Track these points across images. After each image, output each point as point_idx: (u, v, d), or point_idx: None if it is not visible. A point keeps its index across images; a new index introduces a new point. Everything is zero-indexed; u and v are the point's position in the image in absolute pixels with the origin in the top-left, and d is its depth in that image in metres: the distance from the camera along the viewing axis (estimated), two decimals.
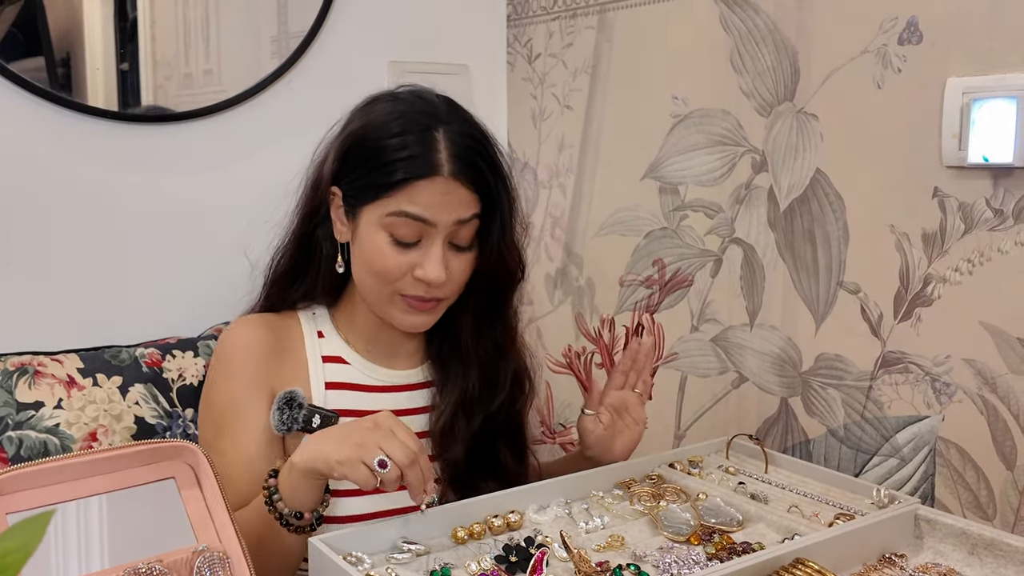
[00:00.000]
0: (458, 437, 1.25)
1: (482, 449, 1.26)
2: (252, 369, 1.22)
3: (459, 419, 1.25)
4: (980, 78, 1.17)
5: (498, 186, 1.20)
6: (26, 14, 1.46)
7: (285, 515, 1.05)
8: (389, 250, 1.16)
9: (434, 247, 1.16)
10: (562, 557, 1.03)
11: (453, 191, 1.15)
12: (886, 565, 1.05)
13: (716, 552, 1.05)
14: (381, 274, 1.18)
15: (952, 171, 1.21)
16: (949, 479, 1.25)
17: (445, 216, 1.15)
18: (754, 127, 1.46)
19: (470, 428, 1.25)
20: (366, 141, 1.18)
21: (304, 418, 1.14)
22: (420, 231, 1.16)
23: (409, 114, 1.17)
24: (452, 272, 1.18)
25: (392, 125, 1.16)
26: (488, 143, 1.20)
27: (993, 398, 1.19)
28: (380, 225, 1.16)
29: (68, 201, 1.53)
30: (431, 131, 1.15)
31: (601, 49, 1.74)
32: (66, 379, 1.38)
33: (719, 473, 1.28)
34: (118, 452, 0.90)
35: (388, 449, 1.00)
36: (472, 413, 1.26)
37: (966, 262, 1.21)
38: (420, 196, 1.14)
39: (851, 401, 1.36)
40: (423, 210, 1.14)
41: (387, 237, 1.16)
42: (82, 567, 0.84)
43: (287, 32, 1.71)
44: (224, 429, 1.21)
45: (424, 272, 1.16)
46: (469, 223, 1.18)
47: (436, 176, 1.14)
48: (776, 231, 1.44)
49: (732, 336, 1.54)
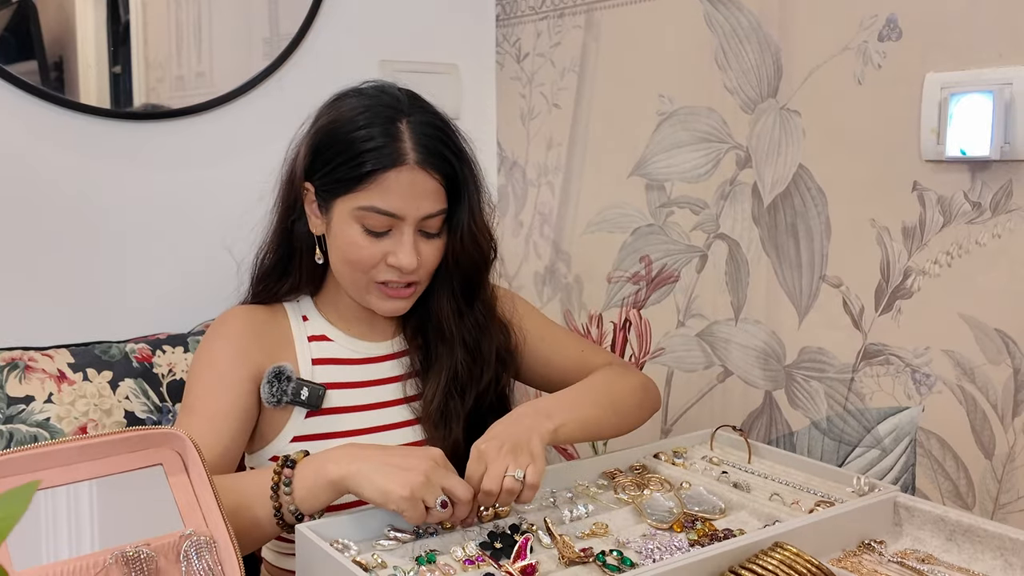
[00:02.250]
0: (454, 417, 1.28)
1: (476, 428, 1.27)
2: (238, 344, 1.26)
3: (452, 399, 1.28)
4: (957, 73, 1.19)
5: (463, 170, 1.25)
6: (19, 18, 1.47)
7: (286, 510, 1.04)
8: (362, 241, 1.21)
9: (405, 236, 1.21)
10: (546, 544, 1.05)
11: (420, 181, 1.19)
12: (865, 551, 1.07)
13: (698, 539, 1.06)
14: (356, 264, 1.23)
15: (931, 165, 1.23)
16: (929, 469, 1.26)
17: (413, 210, 1.20)
18: (738, 124, 1.48)
19: (464, 407, 1.28)
20: (334, 135, 1.22)
21: (293, 391, 1.22)
22: (390, 223, 1.20)
23: (374, 107, 1.22)
24: (424, 258, 1.23)
25: (358, 119, 1.21)
26: (451, 130, 1.25)
27: (972, 388, 1.21)
28: (352, 218, 1.21)
29: (59, 198, 1.54)
30: (395, 123, 1.20)
31: (588, 48, 1.76)
32: (56, 374, 1.39)
33: (703, 463, 1.30)
34: (108, 438, 0.91)
35: (450, 487, 1.02)
36: (464, 392, 1.29)
37: (945, 255, 1.23)
38: (388, 189, 1.19)
39: (834, 393, 1.37)
40: (391, 205, 1.19)
41: (359, 229, 1.21)
42: (72, 550, 0.85)
43: (279, 33, 1.73)
44: (196, 389, 1.23)
45: (397, 260, 1.21)
46: (436, 217, 1.23)
47: (402, 165, 1.18)
48: (760, 226, 1.46)
49: (717, 331, 1.55)
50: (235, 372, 1.23)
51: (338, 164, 1.21)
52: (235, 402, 1.21)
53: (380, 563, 0.99)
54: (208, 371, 1.25)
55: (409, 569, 0.97)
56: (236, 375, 1.23)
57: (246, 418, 1.22)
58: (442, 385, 1.28)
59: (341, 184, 1.21)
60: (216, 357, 1.26)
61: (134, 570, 0.84)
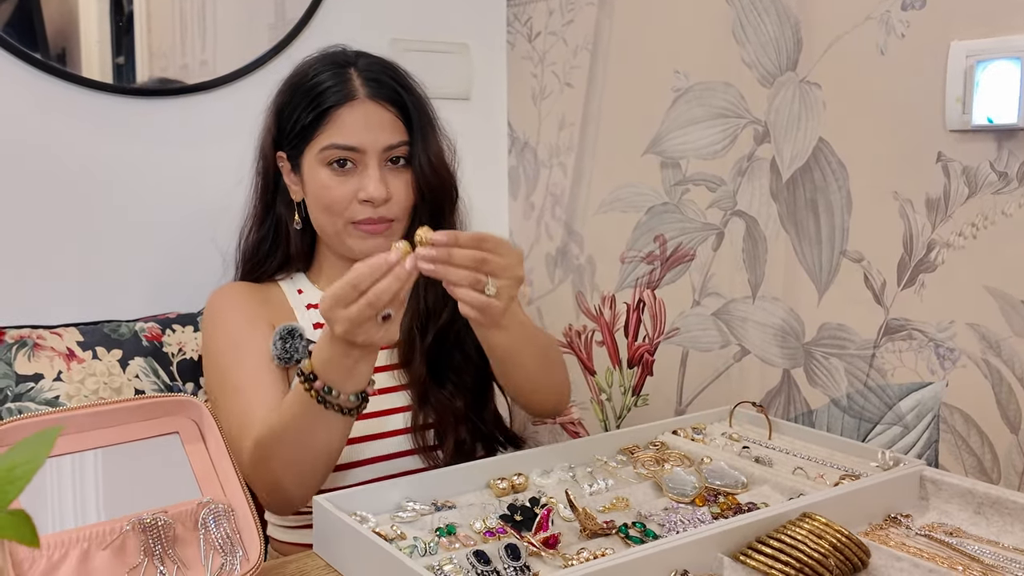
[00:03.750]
0: (416, 352, 1.29)
1: (441, 365, 1.30)
2: (245, 310, 1.29)
3: (414, 335, 1.29)
4: (983, 41, 1.16)
5: (415, 104, 1.29)
6: (21, 11, 1.46)
7: (348, 403, 1.05)
8: (331, 182, 1.25)
9: (371, 169, 1.25)
10: (567, 516, 1.03)
11: (373, 113, 1.25)
12: (892, 525, 1.05)
13: (721, 512, 1.05)
14: (329, 207, 1.26)
15: (956, 135, 1.21)
16: (953, 444, 1.24)
17: (371, 142, 1.24)
18: (756, 98, 1.46)
19: (424, 343, 1.29)
20: (291, 90, 1.29)
21: (303, 348, 1.23)
22: (354, 157, 1.25)
23: (324, 59, 1.30)
24: (393, 191, 1.26)
25: (310, 70, 1.28)
26: (399, 70, 1.31)
27: (997, 362, 1.19)
28: (318, 162, 1.26)
29: (66, 175, 1.52)
30: (345, 68, 1.27)
31: (602, 26, 1.74)
32: (66, 352, 1.37)
33: (722, 439, 1.28)
34: (121, 405, 0.89)
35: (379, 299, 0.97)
36: (426, 329, 1.30)
37: (970, 226, 1.20)
38: (344, 124, 1.24)
39: (854, 370, 1.35)
40: (349, 138, 1.24)
41: (326, 171, 1.26)
42: (86, 518, 0.83)
43: (284, 19, 1.71)
44: (231, 369, 1.23)
45: (367, 192, 1.24)
46: (398, 148, 1.27)
47: (354, 100, 1.24)
48: (778, 202, 1.44)
49: (734, 309, 1.53)
50: (257, 336, 1.25)
51: (299, 115, 1.26)
52: (269, 364, 1.23)
53: (399, 534, 0.97)
54: (231, 350, 1.25)
55: (429, 540, 0.95)
56: (259, 339, 1.24)
57: (281, 376, 1.24)
58: (407, 323, 1.28)
59: (304, 133, 1.26)
60: (232, 329, 1.27)
61: (151, 537, 0.82)
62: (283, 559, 1.01)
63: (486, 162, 1.97)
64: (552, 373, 1.28)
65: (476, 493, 1.10)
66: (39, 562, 0.78)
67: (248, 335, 1.25)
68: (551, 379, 1.28)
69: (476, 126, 1.94)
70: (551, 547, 0.95)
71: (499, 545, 0.93)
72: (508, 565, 0.90)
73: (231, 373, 1.23)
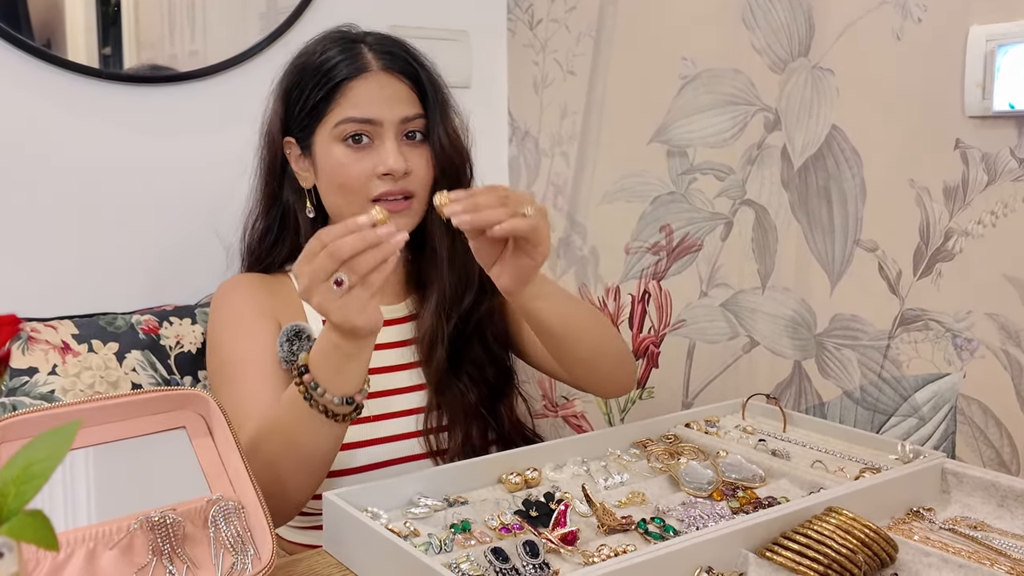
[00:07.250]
0: (438, 340, 1.26)
1: (462, 354, 1.27)
2: (253, 303, 1.25)
3: (440, 319, 1.26)
4: (1005, 24, 1.14)
5: (429, 79, 1.26)
6: (6, 1, 1.42)
7: (333, 405, 0.99)
8: (347, 159, 1.20)
9: (388, 142, 1.20)
10: (583, 512, 1.00)
11: (387, 84, 1.21)
12: (915, 519, 1.03)
13: (741, 507, 1.02)
14: (347, 185, 1.21)
15: (975, 121, 1.18)
16: (971, 436, 1.22)
17: (387, 113, 1.20)
18: (767, 85, 1.43)
19: (448, 329, 1.26)
20: (300, 70, 1.25)
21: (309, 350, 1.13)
22: (370, 130, 1.20)
23: (331, 36, 1.26)
24: (412, 164, 1.21)
25: (318, 48, 1.24)
26: (409, 45, 1.28)
27: (1017, 352, 1.17)
28: (332, 139, 1.21)
29: (59, 165, 1.48)
30: (355, 44, 1.24)
31: (606, 12, 1.71)
32: (60, 345, 1.34)
33: (736, 432, 1.25)
34: (127, 399, 0.86)
35: None
36: (449, 314, 1.27)
37: (989, 214, 1.18)
38: (359, 98, 1.20)
39: (868, 361, 1.33)
40: (365, 111, 1.20)
41: (341, 148, 1.21)
42: (93, 516, 0.80)
43: (276, 8, 1.67)
44: (233, 363, 1.20)
45: (385, 164, 1.19)
46: (415, 120, 1.23)
47: (367, 72, 1.21)
48: (789, 191, 1.41)
49: (743, 300, 1.51)
50: (264, 330, 1.21)
51: (309, 93, 1.22)
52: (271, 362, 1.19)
53: (413, 531, 0.94)
54: (238, 344, 1.21)
55: (444, 537, 0.92)
56: (266, 332, 1.21)
57: (284, 375, 1.19)
58: (431, 309, 1.26)
59: (316, 110, 1.22)
60: (240, 317, 1.23)
61: (160, 536, 0.79)
62: (292, 557, 0.98)
63: (486, 152, 1.92)
64: (608, 337, 1.24)
65: (488, 488, 1.08)
66: (44, 563, 0.75)
67: (254, 329, 1.21)
68: (610, 345, 1.23)
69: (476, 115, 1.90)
70: (570, 543, 0.92)
71: (516, 542, 0.90)
72: (527, 562, 0.88)
73: (232, 367, 1.20)
